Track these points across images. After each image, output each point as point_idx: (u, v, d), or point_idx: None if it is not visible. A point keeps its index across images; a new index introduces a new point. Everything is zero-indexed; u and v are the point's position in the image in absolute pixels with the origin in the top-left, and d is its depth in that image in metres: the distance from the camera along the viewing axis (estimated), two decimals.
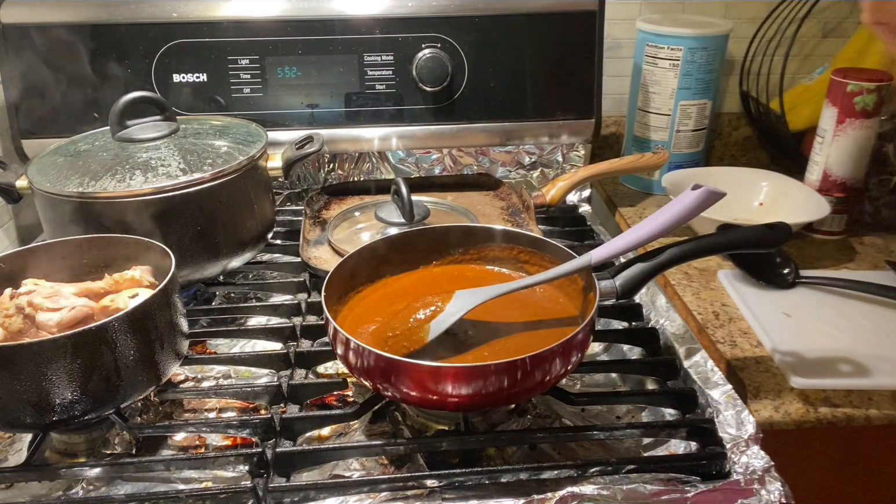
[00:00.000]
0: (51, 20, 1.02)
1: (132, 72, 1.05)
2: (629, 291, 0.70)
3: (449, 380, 0.60)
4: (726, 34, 1.15)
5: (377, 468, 0.66)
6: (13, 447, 0.71)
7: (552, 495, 0.59)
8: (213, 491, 0.62)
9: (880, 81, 0.97)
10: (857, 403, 0.74)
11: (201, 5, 1.04)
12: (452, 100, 1.11)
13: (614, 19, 1.25)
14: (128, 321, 0.63)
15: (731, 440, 0.65)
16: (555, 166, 1.23)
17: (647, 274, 0.70)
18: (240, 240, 0.91)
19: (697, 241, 0.70)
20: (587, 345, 0.68)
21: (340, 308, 0.76)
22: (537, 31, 1.09)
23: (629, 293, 0.70)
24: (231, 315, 0.87)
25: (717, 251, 0.74)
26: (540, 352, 0.61)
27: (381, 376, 0.63)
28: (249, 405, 0.75)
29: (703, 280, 0.96)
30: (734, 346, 0.83)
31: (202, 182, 0.84)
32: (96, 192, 0.80)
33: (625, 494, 0.59)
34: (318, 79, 1.08)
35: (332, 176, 1.20)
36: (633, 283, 0.70)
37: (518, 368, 0.60)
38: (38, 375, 0.60)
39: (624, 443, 0.69)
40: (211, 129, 0.95)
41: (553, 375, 0.64)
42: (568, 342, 0.62)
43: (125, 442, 0.69)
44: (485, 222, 1.02)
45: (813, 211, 1.01)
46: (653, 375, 0.77)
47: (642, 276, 0.70)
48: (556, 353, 0.62)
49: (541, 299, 0.78)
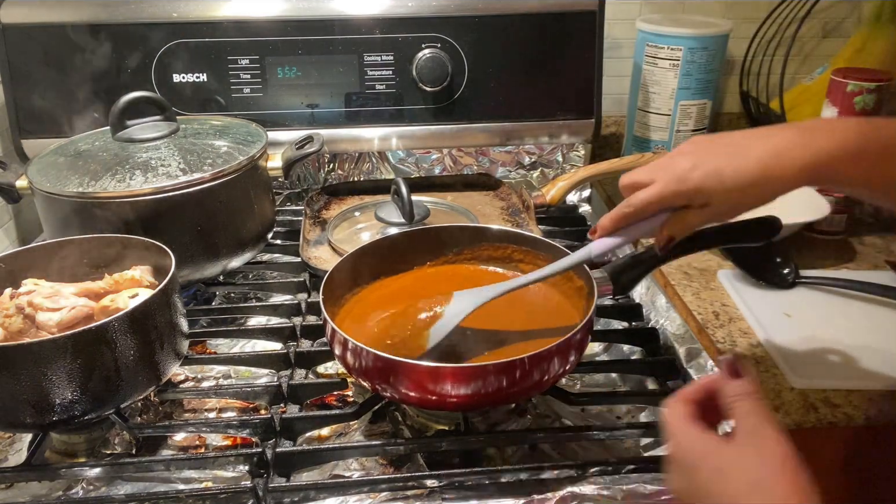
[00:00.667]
0: (51, 20, 1.02)
1: (132, 72, 1.05)
2: (626, 287, 0.71)
3: (448, 380, 0.60)
4: (726, 34, 1.15)
5: (377, 468, 0.66)
6: (13, 447, 0.71)
7: (552, 495, 0.59)
8: (213, 491, 0.62)
9: (880, 81, 0.97)
10: (857, 403, 0.74)
11: (201, 5, 1.04)
12: (452, 100, 1.11)
13: (614, 19, 1.25)
14: (128, 321, 0.63)
15: None
16: (555, 166, 1.23)
17: (643, 270, 0.71)
18: (240, 240, 0.91)
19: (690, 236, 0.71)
20: (585, 344, 0.68)
21: (338, 309, 0.76)
22: (537, 31, 1.09)
23: (626, 289, 0.71)
24: (231, 315, 0.88)
25: (710, 245, 0.75)
26: (538, 352, 0.61)
27: (380, 377, 0.63)
28: (249, 405, 0.75)
29: (703, 280, 0.96)
30: (734, 346, 0.83)
31: (202, 182, 0.84)
32: (96, 192, 0.80)
33: (625, 494, 0.59)
34: (318, 79, 1.08)
35: (332, 176, 1.20)
36: (629, 279, 0.71)
37: (517, 368, 0.60)
38: (38, 375, 0.60)
39: (624, 443, 0.69)
40: (211, 129, 0.95)
41: (552, 375, 0.64)
42: (566, 342, 0.62)
43: (125, 442, 0.69)
44: (485, 222, 1.02)
45: (813, 211, 1.01)
46: (653, 375, 0.77)
47: (638, 272, 0.71)
48: (554, 352, 0.62)
49: (538, 300, 0.78)
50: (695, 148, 0.67)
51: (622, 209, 0.68)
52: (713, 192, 0.64)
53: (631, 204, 0.67)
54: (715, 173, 0.63)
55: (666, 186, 0.65)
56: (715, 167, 0.63)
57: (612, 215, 0.69)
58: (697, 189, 0.64)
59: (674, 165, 0.66)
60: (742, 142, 0.65)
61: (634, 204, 0.67)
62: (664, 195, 0.65)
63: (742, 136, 0.66)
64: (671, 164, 0.66)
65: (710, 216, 0.67)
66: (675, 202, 0.66)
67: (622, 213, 0.68)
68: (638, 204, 0.67)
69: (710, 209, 0.65)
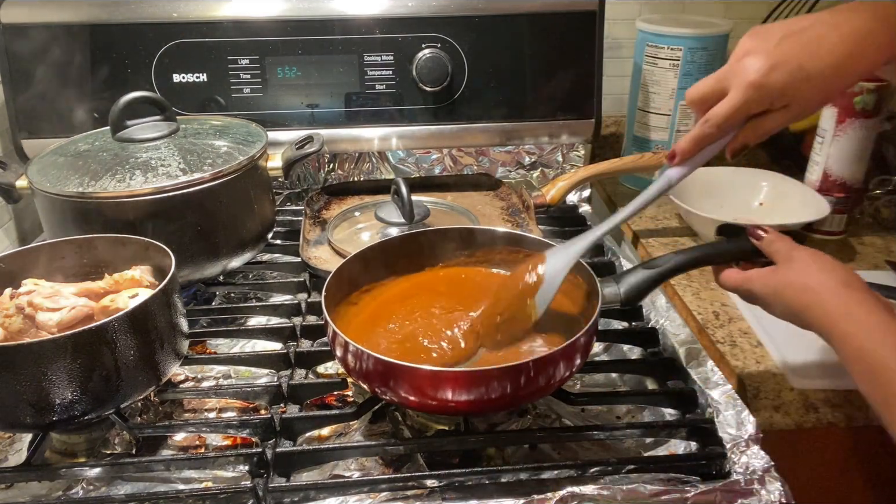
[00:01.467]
0: (51, 20, 1.02)
1: (132, 72, 1.05)
2: (633, 299, 0.71)
3: (449, 385, 0.60)
4: (726, 34, 1.15)
5: (377, 468, 0.66)
6: (13, 447, 0.71)
7: (552, 495, 0.59)
8: (213, 491, 0.62)
9: (880, 81, 0.96)
10: (857, 403, 0.74)
11: (201, 5, 1.04)
12: (452, 100, 1.11)
13: (614, 19, 1.25)
14: (128, 321, 0.63)
15: (731, 440, 0.65)
16: (555, 166, 1.23)
17: (651, 282, 0.71)
18: (240, 240, 0.91)
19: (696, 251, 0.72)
20: (590, 348, 0.68)
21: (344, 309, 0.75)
22: (537, 31, 1.09)
23: (633, 300, 0.71)
24: (231, 315, 0.87)
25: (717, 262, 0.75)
26: (543, 356, 0.60)
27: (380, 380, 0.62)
28: (249, 405, 0.75)
29: (703, 280, 0.96)
30: (734, 346, 0.83)
31: (202, 182, 0.84)
32: (96, 192, 0.80)
33: (625, 494, 0.59)
34: (318, 79, 1.08)
35: (332, 176, 1.20)
36: (636, 290, 0.70)
37: (521, 373, 0.60)
38: (38, 375, 0.60)
39: (624, 443, 0.69)
40: (211, 129, 0.95)
41: (557, 380, 0.63)
42: (571, 346, 0.62)
43: (125, 442, 0.69)
44: (485, 222, 1.02)
45: (813, 211, 1.01)
46: (653, 375, 0.77)
47: (646, 283, 0.71)
48: (559, 356, 0.62)
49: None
50: (762, 44, 0.60)
51: (703, 129, 0.62)
52: (798, 90, 0.59)
53: (711, 122, 0.62)
54: (799, 70, 0.59)
55: (746, 94, 0.60)
56: (798, 64, 0.59)
57: (692, 136, 0.63)
58: (782, 91, 0.59)
59: (746, 69, 0.60)
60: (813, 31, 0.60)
61: (715, 121, 0.61)
62: (747, 104, 0.60)
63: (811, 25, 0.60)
64: (742, 68, 0.60)
65: (789, 118, 0.62)
66: (758, 108, 0.61)
67: (703, 132, 0.62)
68: (719, 121, 0.61)
69: (789, 110, 0.61)
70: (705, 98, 0.62)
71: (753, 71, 0.59)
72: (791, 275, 0.64)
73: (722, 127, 0.61)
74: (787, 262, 0.65)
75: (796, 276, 0.63)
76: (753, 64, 0.59)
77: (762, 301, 0.67)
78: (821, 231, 1.07)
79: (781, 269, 0.65)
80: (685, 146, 0.64)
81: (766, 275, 0.66)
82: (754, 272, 0.67)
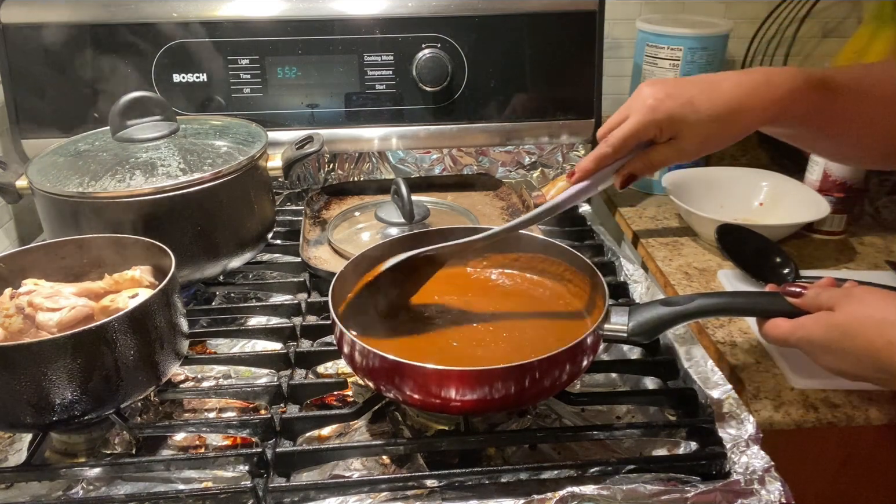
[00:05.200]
0: (51, 20, 1.02)
1: (132, 72, 1.05)
2: (642, 334, 0.67)
3: (453, 384, 0.60)
4: (726, 34, 1.15)
5: (377, 468, 0.66)
6: (13, 447, 0.70)
7: (552, 495, 0.59)
8: (213, 491, 0.62)
9: None
10: (857, 403, 0.74)
11: (201, 5, 1.05)
12: (452, 100, 1.11)
13: (614, 19, 1.25)
14: (128, 321, 0.63)
15: (731, 440, 0.65)
16: (555, 166, 1.23)
17: (667, 322, 0.67)
18: (240, 240, 0.91)
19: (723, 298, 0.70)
20: (598, 347, 0.67)
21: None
22: (537, 31, 1.09)
23: (641, 336, 0.67)
24: (231, 315, 0.87)
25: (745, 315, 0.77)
26: (549, 355, 0.60)
27: (386, 378, 0.62)
28: (249, 405, 0.75)
29: (703, 280, 0.96)
30: (734, 346, 0.83)
31: (202, 182, 0.84)
32: (96, 192, 0.80)
33: (625, 494, 0.59)
34: (318, 79, 1.09)
35: (332, 176, 1.20)
36: (647, 327, 0.67)
37: (526, 372, 0.60)
38: (38, 375, 0.60)
39: (624, 443, 0.69)
40: (211, 129, 0.95)
41: (562, 381, 0.63)
42: (578, 345, 0.62)
43: (125, 442, 0.69)
44: (485, 222, 1.02)
45: (813, 211, 1.01)
46: (653, 375, 0.77)
47: (661, 322, 0.67)
48: (565, 357, 0.61)
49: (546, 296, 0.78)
50: (663, 83, 0.68)
51: (601, 148, 0.68)
52: (685, 121, 0.65)
53: (608, 142, 0.68)
54: (689, 102, 0.64)
55: (639, 116, 0.66)
56: (690, 98, 0.65)
57: (591, 156, 0.69)
58: (670, 117, 0.64)
59: (643, 97, 0.67)
60: (712, 79, 0.67)
61: (611, 142, 0.67)
62: (639, 127, 0.66)
63: (710, 75, 0.68)
64: (640, 96, 0.67)
65: (677, 152, 0.67)
66: (649, 133, 0.66)
67: (601, 153, 0.68)
68: (615, 141, 0.67)
69: (676, 144, 0.66)
70: (611, 128, 0.69)
71: (649, 96, 0.66)
72: (863, 309, 0.58)
73: (616, 147, 0.67)
74: (847, 300, 0.60)
75: (872, 310, 0.58)
76: (650, 92, 0.67)
77: (822, 347, 0.61)
78: (821, 231, 1.07)
79: (847, 308, 0.59)
80: (586, 165, 0.70)
81: (828, 316, 0.60)
82: (808, 318, 0.62)
